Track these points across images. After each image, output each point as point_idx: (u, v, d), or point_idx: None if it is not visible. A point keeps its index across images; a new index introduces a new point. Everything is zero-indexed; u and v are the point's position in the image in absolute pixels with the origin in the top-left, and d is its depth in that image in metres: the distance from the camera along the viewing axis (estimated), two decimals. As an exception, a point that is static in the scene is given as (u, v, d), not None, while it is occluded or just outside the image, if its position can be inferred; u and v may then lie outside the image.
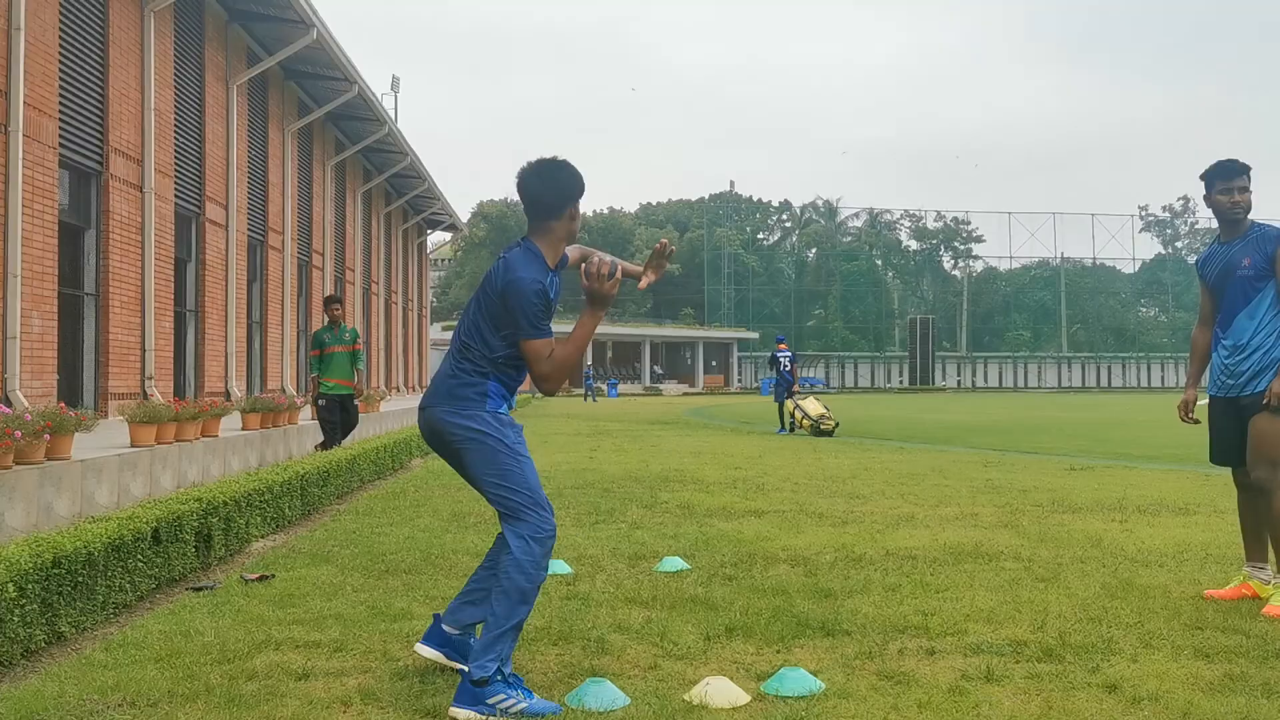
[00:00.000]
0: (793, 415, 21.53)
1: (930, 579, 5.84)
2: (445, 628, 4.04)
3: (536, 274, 3.84)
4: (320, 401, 12.00)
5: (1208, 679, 3.96)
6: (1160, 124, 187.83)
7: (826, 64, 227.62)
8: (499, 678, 3.59)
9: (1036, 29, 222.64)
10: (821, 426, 20.48)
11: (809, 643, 4.50)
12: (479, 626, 3.99)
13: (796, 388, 22.51)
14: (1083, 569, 6.16)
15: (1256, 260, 5.20)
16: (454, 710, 3.54)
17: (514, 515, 3.78)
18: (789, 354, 22.59)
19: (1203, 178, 5.44)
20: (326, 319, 12.26)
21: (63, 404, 8.42)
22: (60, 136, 13.42)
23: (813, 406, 21.23)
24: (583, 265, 3.90)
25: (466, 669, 3.65)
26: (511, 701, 3.54)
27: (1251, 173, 5.34)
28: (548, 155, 4.03)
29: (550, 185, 3.95)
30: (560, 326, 4.18)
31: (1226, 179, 5.33)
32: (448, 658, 4.03)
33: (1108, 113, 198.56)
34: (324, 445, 12.23)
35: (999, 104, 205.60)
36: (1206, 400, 5.53)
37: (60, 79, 13.45)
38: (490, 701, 3.53)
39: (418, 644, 4.09)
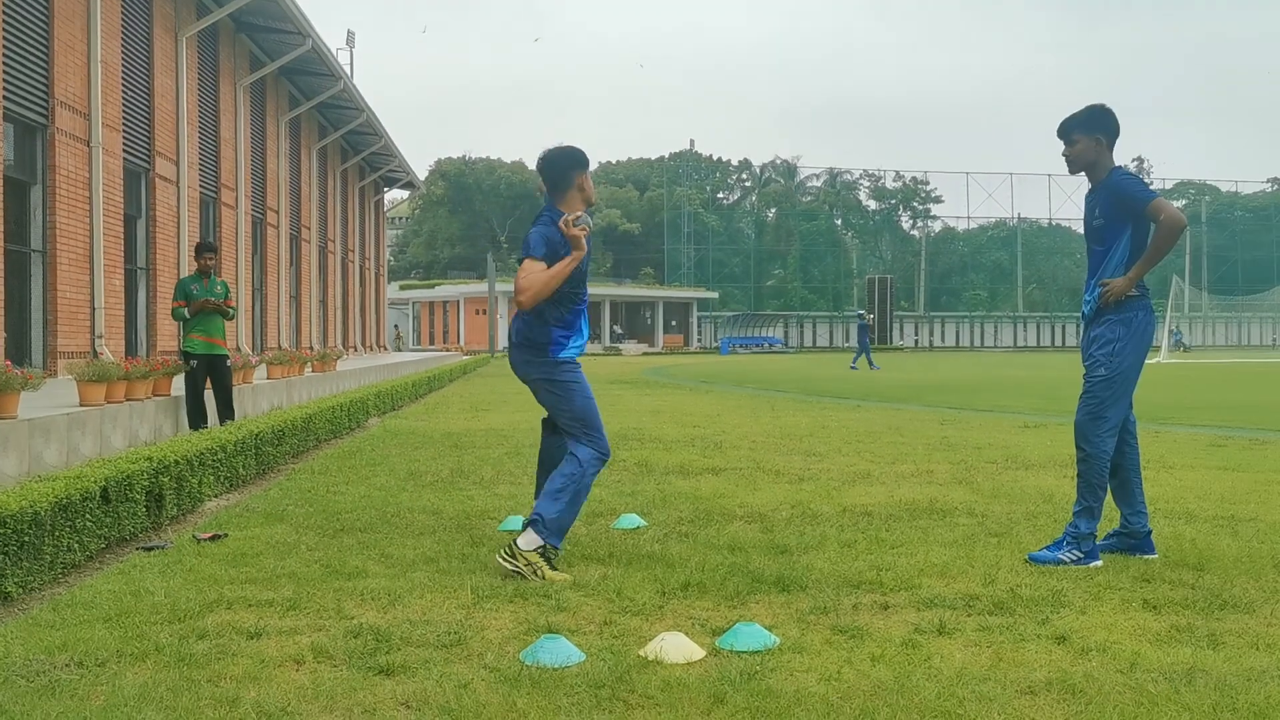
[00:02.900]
0: None
1: (885, 535, 5.89)
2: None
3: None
4: (191, 362, 10.27)
5: (1155, 630, 4.03)
6: (1115, 83, 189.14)
7: (780, 23, 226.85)
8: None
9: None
10: None
11: (764, 598, 4.53)
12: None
13: None
14: (1034, 524, 6.24)
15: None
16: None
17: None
18: None
19: None
20: (196, 268, 10.52)
21: (9, 362, 8.26)
22: (5, 89, 13.09)
23: None
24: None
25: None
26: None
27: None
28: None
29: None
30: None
31: None
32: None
33: (1062, 70, 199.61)
34: (192, 424, 10.33)
35: (955, 62, 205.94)
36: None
37: (4, 29, 13.08)
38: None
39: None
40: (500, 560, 4.87)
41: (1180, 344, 59.07)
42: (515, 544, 4.88)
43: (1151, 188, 5.32)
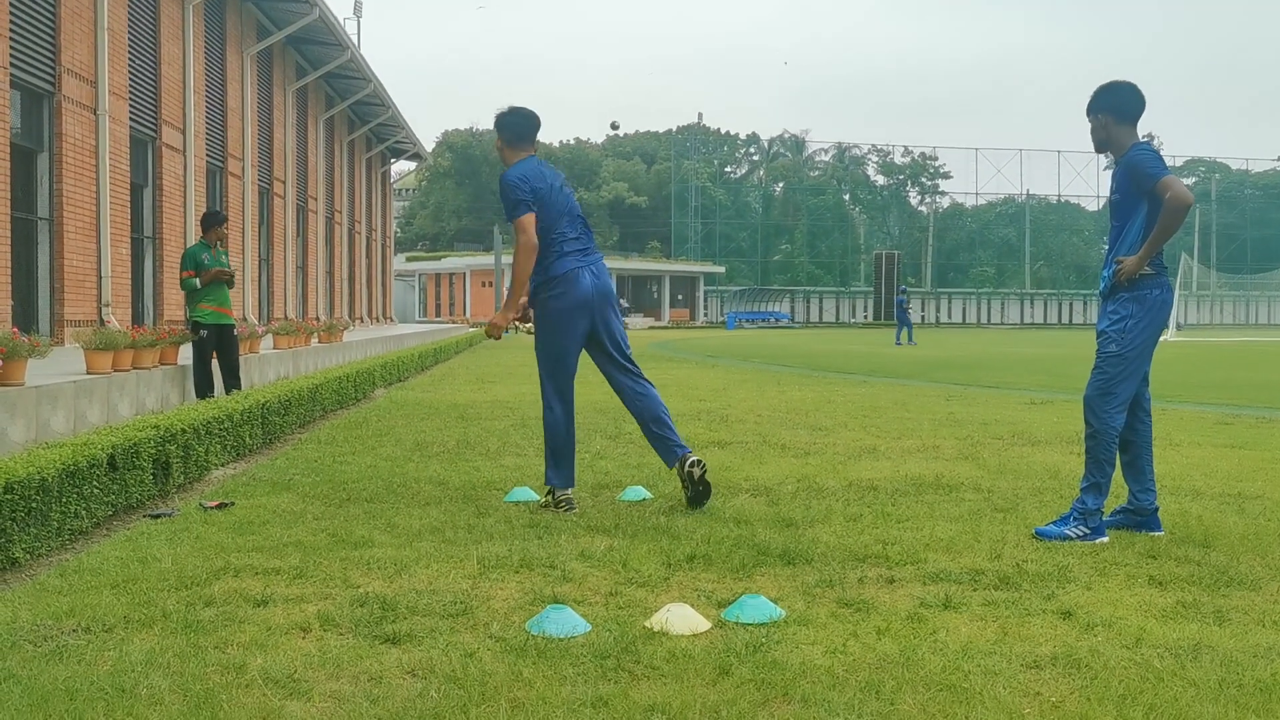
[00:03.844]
0: None
1: (891, 509, 5.88)
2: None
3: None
4: (202, 332, 10.20)
5: (1160, 606, 4.02)
6: (1127, 58, 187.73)
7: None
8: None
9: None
10: None
11: (770, 571, 4.53)
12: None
13: None
14: (1040, 500, 6.23)
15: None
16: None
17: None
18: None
19: None
20: (202, 238, 10.47)
21: (16, 329, 8.26)
22: (10, 56, 13.04)
23: None
24: None
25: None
26: None
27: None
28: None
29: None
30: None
31: None
32: None
33: (1076, 50, 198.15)
34: (199, 393, 10.24)
35: (968, 39, 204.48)
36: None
37: (8, -5, 13.03)
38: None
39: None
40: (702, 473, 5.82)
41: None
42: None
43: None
